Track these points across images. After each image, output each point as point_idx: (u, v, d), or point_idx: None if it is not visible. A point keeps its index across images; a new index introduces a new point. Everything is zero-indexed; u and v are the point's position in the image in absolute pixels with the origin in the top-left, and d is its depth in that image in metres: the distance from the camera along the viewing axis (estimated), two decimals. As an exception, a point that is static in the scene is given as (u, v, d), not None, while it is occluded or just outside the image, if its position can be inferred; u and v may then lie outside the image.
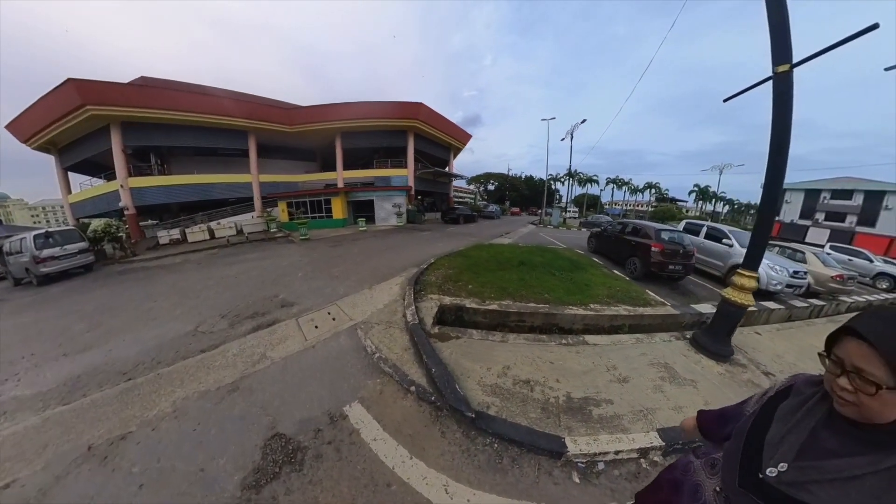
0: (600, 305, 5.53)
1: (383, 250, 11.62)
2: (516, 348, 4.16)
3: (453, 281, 6.68)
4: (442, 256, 9.45)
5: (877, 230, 29.64)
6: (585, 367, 3.76)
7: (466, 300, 5.62)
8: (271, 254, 11.51)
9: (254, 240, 15.18)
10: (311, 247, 12.83)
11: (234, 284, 7.50)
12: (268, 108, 21.61)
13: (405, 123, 24.24)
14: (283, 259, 10.37)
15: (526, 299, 5.62)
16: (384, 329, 4.87)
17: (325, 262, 9.55)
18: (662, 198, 73.36)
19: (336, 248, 12.38)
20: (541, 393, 3.27)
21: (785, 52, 3.72)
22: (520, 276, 6.87)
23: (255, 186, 22.24)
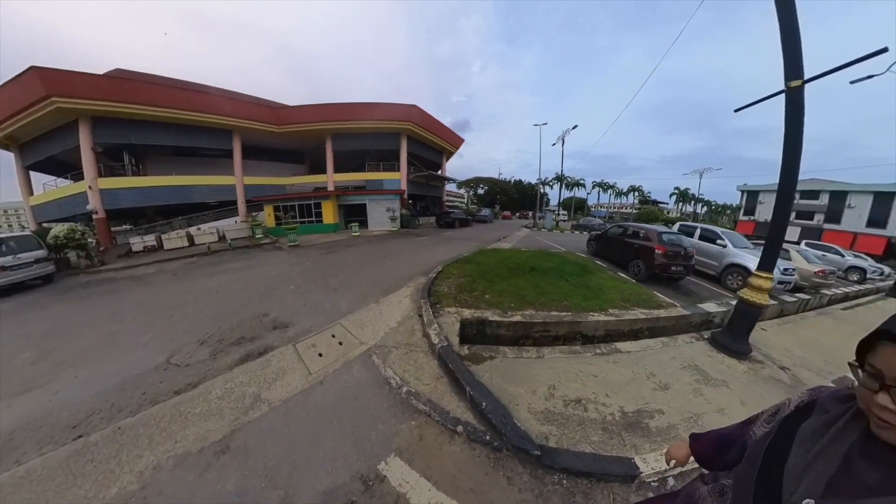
0: (618, 310, 5.40)
1: (382, 257, 10.83)
2: (555, 364, 3.91)
3: (468, 291, 6.13)
4: (449, 263, 8.83)
5: (842, 227, 32.46)
6: (627, 377, 3.67)
7: (488, 312, 5.07)
8: (258, 262, 10.51)
9: (238, 247, 14.06)
10: (302, 254, 11.88)
11: (215, 300, 6.55)
12: (254, 106, 20.50)
13: (399, 126, 23.53)
14: (271, 268, 9.42)
15: (547, 307, 5.27)
16: (405, 354, 4.17)
17: (320, 272, 8.67)
18: (645, 200, 76.79)
19: (329, 255, 11.49)
20: (595, 412, 3.05)
21: (797, 68, 3.87)
22: (534, 282, 6.49)
23: (240, 189, 21.01)
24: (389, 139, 24.66)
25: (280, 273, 8.72)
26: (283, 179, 24.25)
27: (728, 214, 68.70)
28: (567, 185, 64.80)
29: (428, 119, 26.18)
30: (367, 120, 22.53)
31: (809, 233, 32.69)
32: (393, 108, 22.87)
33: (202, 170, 20.89)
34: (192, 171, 20.23)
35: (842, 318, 7.42)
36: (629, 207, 78.16)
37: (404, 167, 25.14)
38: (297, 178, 25.09)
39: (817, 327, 6.48)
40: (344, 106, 22.11)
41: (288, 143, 24.96)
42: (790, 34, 3.87)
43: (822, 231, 33.06)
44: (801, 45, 3.87)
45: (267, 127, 21.16)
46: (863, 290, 10.49)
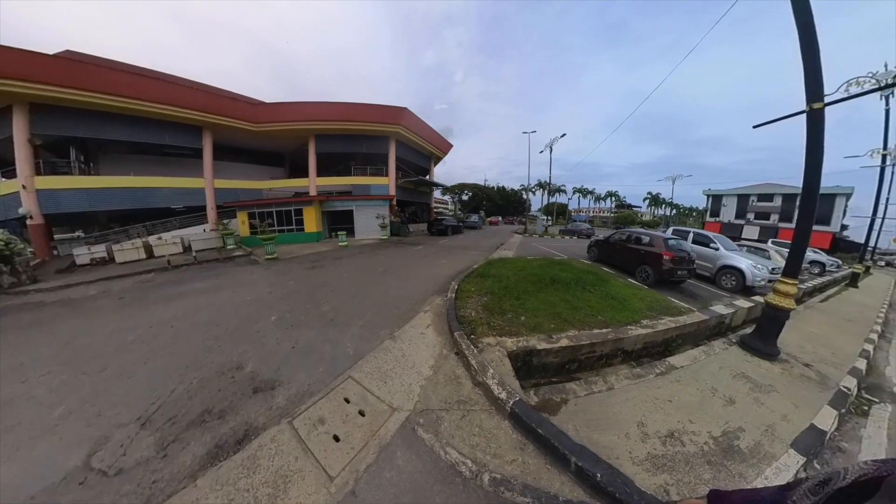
0: (649, 321, 5.29)
1: (380, 272, 9.35)
2: (628, 393, 3.63)
3: (498, 312, 5.39)
4: (463, 278, 7.93)
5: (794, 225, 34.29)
6: (696, 397, 3.63)
7: (532, 339, 4.44)
8: (229, 281, 8.74)
9: (205, 260, 12.06)
10: (283, 270, 10.17)
11: (168, 342, 4.87)
12: (229, 100, 18.51)
13: (388, 128, 22.15)
14: (245, 290, 7.73)
15: (585, 325, 4.93)
16: (462, 418, 3.09)
17: (308, 295, 7.09)
18: (621, 204, 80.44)
19: (316, 270, 9.85)
20: (692, 444, 2.88)
21: (818, 90, 4.04)
22: (562, 296, 6.09)
23: (209, 193, 18.85)
24: (377, 142, 23.21)
25: (256, 296, 7.07)
26: (261, 183, 22.19)
27: (694, 217, 72.77)
28: (550, 191, 67.44)
29: (418, 123, 24.97)
30: (355, 121, 21.01)
31: (767, 231, 36.66)
32: (382, 109, 21.46)
33: (166, 170, 18.63)
34: (155, 172, 17.97)
35: (824, 310, 8.33)
36: (607, 212, 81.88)
37: (393, 172, 23.74)
38: (275, 181, 23.08)
39: (810, 322, 7.08)
40: (329, 105, 20.49)
41: (266, 143, 22.98)
42: (811, 58, 4.04)
43: (778, 230, 36.52)
44: (821, 68, 4.02)
45: (243, 125, 19.21)
46: (826, 282, 12.01)
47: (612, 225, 61.92)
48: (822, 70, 4.10)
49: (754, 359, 4.60)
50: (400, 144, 24.75)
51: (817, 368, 4.53)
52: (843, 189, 34.42)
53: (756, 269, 9.29)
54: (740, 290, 9.18)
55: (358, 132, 22.12)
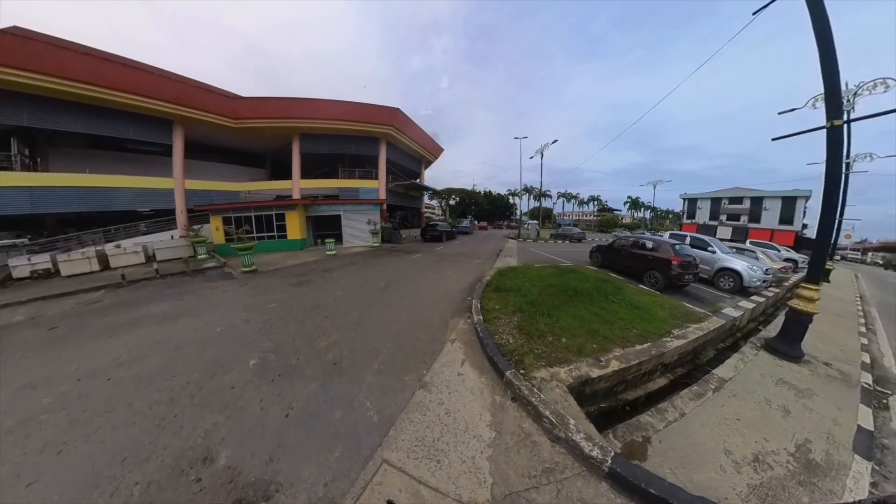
0: (678, 329, 5.33)
1: (381, 289, 8.04)
2: (699, 418, 3.43)
3: (536, 335, 4.83)
4: (482, 293, 7.18)
5: (762, 225, 39.50)
6: (756, 411, 3.60)
7: (582, 364, 4.08)
8: (195, 303, 7.18)
9: (169, 273, 10.31)
10: (263, 286, 8.68)
11: (101, 407, 3.42)
12: (204, 92, 16.70)
13: (378, 129, 20.85)
14: (215, 315, 6.25)
15: (624, 341, 4.76)
16: (556, 497, 2.39)
17: (297, 323, 5.70)
18: (603, 208, 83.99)
19: (304, 286, 8.42)
20: (777, 465, 2.84)
21: (838, 108, 4.33)
22: (591, 310, 5.89)
23: (179, 195, 16.92)
24: (367, 144, 21.86)
25: (230, 326, 5.62)
26: (239, 185, 20.34)
27: (670, 219, 76.04)
28: (534, 195, 68.69)
29: (410, 124, 23.79)
30: (344, 121, 19.61)
31: (739, 232, 39.44)
32: (374, 109, 20.16)
33: (130, 169, 16.61)
34: (116, 170, 15.92)
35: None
36: (590, 215, 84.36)
37: (383, 175, 22.41)
38: (255, 183, 21.28)
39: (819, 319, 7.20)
40: (316, 102, 19.01)
41: (246, 141, 21.20)
42: (831, 78, 4.21)
43: (748, 230, 39.10)
44: (840, 88, 4.33)
45: (220, 120, 17.46)
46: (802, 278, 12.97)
47: (596, 228, 62.74)
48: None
49: (783, 362, 4.73)
50: (391, 147, 23.47)
51: (837, 367, 4.77)
52: (802, 192, 37.48)
53: (752, 271, 9.72)
54: (738, 290, 9.60)
55: (347, 132, 20.70)
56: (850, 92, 11.12)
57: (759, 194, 41.03)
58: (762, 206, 40.42)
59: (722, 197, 45.27)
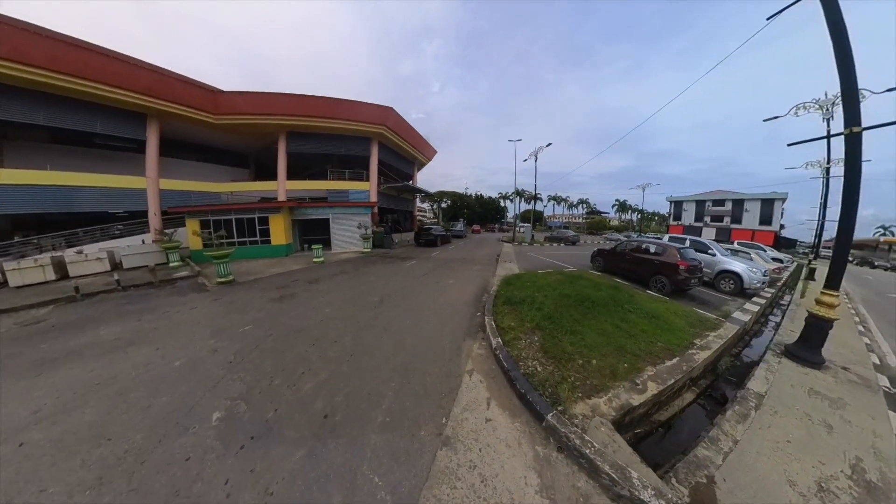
0: (699, 339, 5.26)
1: (375, 304, 7.12)
2: (752, 444, 3.18)
3: (564, 358, 4.33)
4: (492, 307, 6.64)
5: (743, 226, 41.55)
6: (802, 429, 3.41)
7: (618, 390, 3.68)
8: (154, 324, 6.09)
9: (133, 284, 9.09)
10: (239, 301, 7.64)
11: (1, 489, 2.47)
12: (182, 84, 15.43)
13: (371, 129, 19.91)
14: (176, 343, 5.22)
15: (652, 357, 4.50)
16: None
17: (276, 355, 4.75)
18: (592, 211, 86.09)
19: (286, 302, 7.43)
20: (841, 492, 2.66)
21: (856, 115, 4.19)
22: (612, 322, 5.67)
23: (153, 195, 15.60)
24: (358, 144, 20.88)
25: (192, 359, 4.61)
26: (219, 185, 19.04)
27: (655, 220, 78.88)
28: (525, 198, 68.96)
29: (403, 124, 22.92)
30: (334, 119, 18.61)
31: (722, 232, 41.48)
32: (366, 107, 19.23)
33: (101, 166, 15.27)
34: (83, 167, 14.58)
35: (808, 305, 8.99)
36: (579, 218, 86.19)
37: (374, 176, 21.46)
38: (237, 184, 20.02)
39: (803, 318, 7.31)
40: (305, 99, 17.95)
41: (228, 139, 19.97)
42: (849, 85, 4.19)
43: (731, 231, 41.07)
44: (858, 95, 4.24)
45: (199, 115, 16.24)
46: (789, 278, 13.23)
47: (586, 230, 63.11)
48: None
49: (807, 369, 4.63)
50: (383, 147, 22.54)
51: (854, 371, 4.69)
52: (779, 195, 39.59)
53: (752, 273, 9.81)
54: (738, 292, 9.76)
55: (337, 131, 19.70)
56: (829, 101, 12.15)
57: (741, 197, 43.13)
58: (743, 208, 42.56)
59: (706, 199, 47.28)
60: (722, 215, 45.03)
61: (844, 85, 4.23)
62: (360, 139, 20.81)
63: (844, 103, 4.27)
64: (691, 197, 49.88)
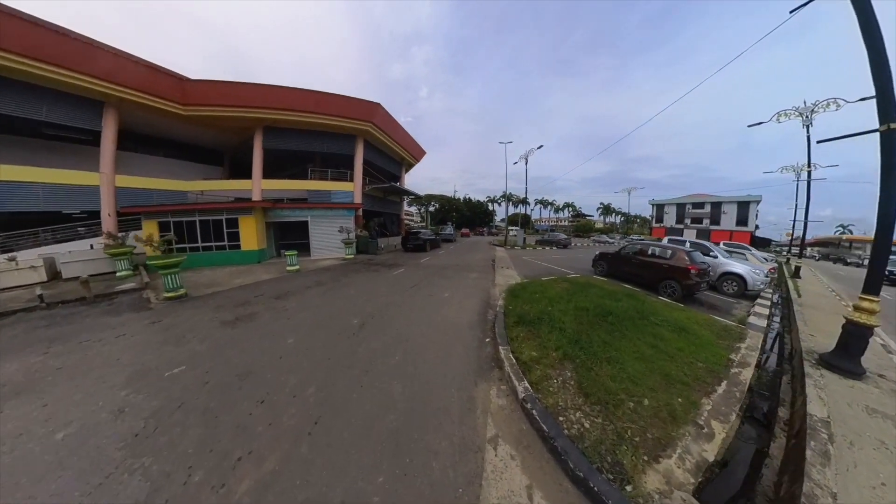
0: (733, 354, 4.94)
1: (356, 329, 5.79)
2: (850, 498, 2.75)
3: (613, 402, 3.40)
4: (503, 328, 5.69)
5: (721, 227, 44.20)
6: (888, 465, 2.86)
7: (685, 439, 2.98)
8: (60, 362, 4.67)
9: (62, 300, 7.57)
10: (181, 325, 6.22)
11: None
12: (146, 69, 13.77)
13: (356, 126, 18.65)
14: (76, 392, 3.86)
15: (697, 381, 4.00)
16: None
17: (205, 419, 3.43)
18: (577, 214, 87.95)
19: (240, 327, 6.06)
20: None
21: (890, 111, 3.98)
22: (645, 340, 5.02)
23: (107, 193, 13.91)
24: (343, 141, 19.57)
25: (88, 426, 3.27)
26: (186, 184, 17.35)
27: (638, 223, 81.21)
28: (517, 202, 69.76)
29: (390, 122, 21.72)
30: (317, 113, 17.26)
31: (702, 234, 43.04)
32: (352, 103, 17.97)
33: (46, 159, 13.56)
34: (26, 160, 12.86)
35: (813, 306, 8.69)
36: (565, 221, 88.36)
37: (359, 176, 20.15)
38: (207, 182, 18.37)
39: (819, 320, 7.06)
40: (284, 91, 16.53)
41: (200, 133, 18.36)
42: (881, 80, 4.01)
43: (710, 232, 43.16)
44: (893, 88, 3.96)
45: (166, 105, 14.68)
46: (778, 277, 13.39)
47: (573, 233, 63.21)
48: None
49: (852, 382, 4.27)
50: (369, 146, 21.27)
51: (890, 378, 4.39)
52: (754, 197, 42.46)
53: (754, 274, 9.81)
54: (741, 294, 9.70)
55: (319, 127, 18.34)
56: (807, 109, 13.12)
57: (718, 199, 45.91)
58: (721, 210, 45.27)
59: (686, 202, 49.90)
60: (701, 217, 47.70)
61: (877, 81, 4.01)
62: (344, 136, 19.49)
63: (879, 100, 4.03)
64: (672, 200, 52.68)
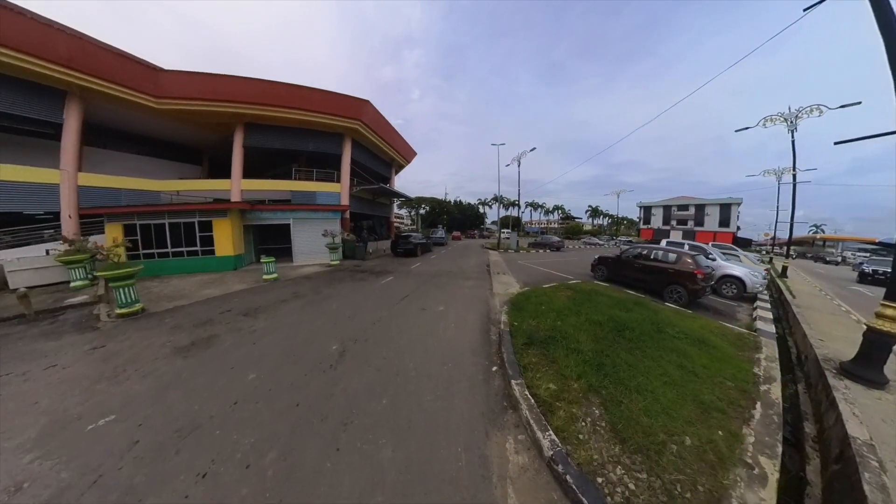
0: (756, 368, 4.62)
1: (332, 358, 4.83)
2: None
3: (652, 446, 2.82)
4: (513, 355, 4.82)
5: (705, 228, 46.47)
6: None
7: (740, 487, 2.53)
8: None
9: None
10: (125, 353, 5.21)
11: None
12: (114, 57, 12.60)
13: (344, 124, 17.76)
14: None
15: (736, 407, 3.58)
16: None
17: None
18: (567, 216, 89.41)
19: (193, 357, 5.08)
20: None
21: None
22: (670, 358, 4.54)
23: (68, 192, 12.71)
24: (329, 140, 18.65)
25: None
26: (157, 183, 16.08)
27: (624, 224, 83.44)
28: (504, 204, 70.14)
29: (380, 121, 20.91)
30: (302, 110, 16.32)
31: (687, 235, 44.35)
32: (338, 99, 17.09)
33: (5, 156, 12.32)
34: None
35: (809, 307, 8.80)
36: (554, 223, 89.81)
37: (346, 177, 19.24)
38: (181, 182, 17.16)
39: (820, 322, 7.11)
40: (267, 84, 15.53)
41: (175, 129, 17.18)
42: None
43: (695, 233, 45.05)
44: None
45: (136, 96, 13.53)
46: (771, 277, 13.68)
47: (563, 235, 63.25)
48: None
49: (878, 392, 4.01)
50: (357, 145, 20.38)
51: None
52: (735, 199, 45.15)
53: (753, 277, 9.82)
54: (740, 297, 9.72)
55: (304, 125, 17.39)
56: (792, 115, 14.19)
57: (702, 202, 47.90)
58: (704, 212, 47.34)
59: (671, 205, 51.67)
60: (686, 219, 49.73)
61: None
62: (331, 135, 18.56)
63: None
64: (659, 202, 54.44)
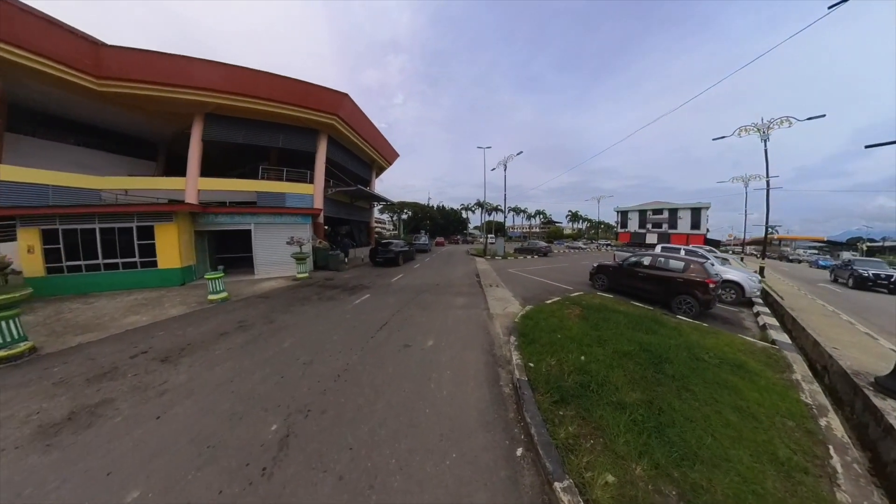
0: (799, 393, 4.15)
1: (270, 453, 3.01)
2: None
3: None
4: (539, 407, 3.62)
5: (679, 231, 48.71)
6: None
7: None
8: None
9: None
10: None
11: None
12: (44, 24, 10.50)
13: (319, 118, 16.15)
14: None
15: (812, 458, 2.91)
16: None
17: None
18: (548, 221, 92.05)
19: (62, 446, 3.13)
20: None
21: None
22: (720, 396, 3.79)
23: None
24: (302, 136, 16.97)
25: None
26: (97, 180, 13.79)
27: (602, 228, 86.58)
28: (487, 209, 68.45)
29: (360, 117, 19.41)
30: (272, 101, 14.62)
31: (662, 238, 46.84)
32: (313, 90, 15.50)
33: None
34: None
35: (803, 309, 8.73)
36: (536, 228, 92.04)
37: (321, 178, 17.56)
38: (130, 179, 14.96)
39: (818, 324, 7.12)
40: (232, 70, 13.72)
41: (125, 118, 15.07)
42: None
43: (669, 236, 47.15)
44: None
45: (71, 74, 11.45)
46: None
47: (545, 239, 63.39)
48: None
49: None
50: (333, 143, 18.75)
51: None
52: (704, 204, 48.12)
53: (751, 281, 9.84)
54: (738, 302, 9.65)
55: (274, 118, 15.65)
56: (765, 125, 15.32)
57: (675, 206, 50.50)
58: (677, 216, 49.84)
59: (647, 209, 54.25)
60: (661, 222, 51.82)
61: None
62: (304, 130, 16.87)
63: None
64: (635, 207, 57.23)
